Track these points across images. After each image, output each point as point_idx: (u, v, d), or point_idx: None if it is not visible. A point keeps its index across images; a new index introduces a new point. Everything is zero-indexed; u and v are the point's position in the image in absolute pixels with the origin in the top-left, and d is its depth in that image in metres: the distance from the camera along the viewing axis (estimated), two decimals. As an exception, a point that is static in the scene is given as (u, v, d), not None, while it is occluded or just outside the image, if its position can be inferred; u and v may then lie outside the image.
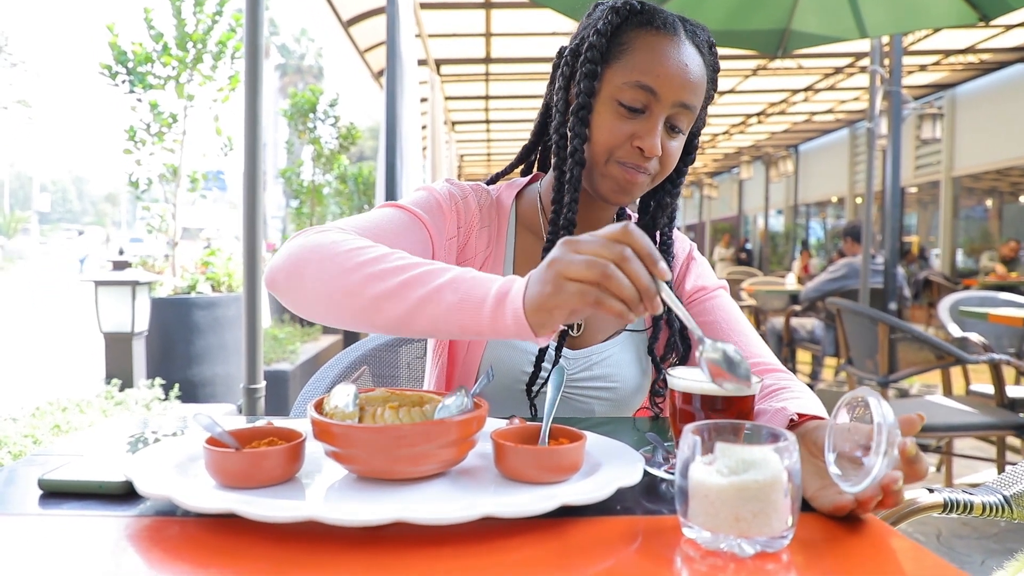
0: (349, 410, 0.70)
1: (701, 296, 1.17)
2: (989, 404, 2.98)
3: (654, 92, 0.97)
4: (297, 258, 0.86)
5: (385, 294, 0.78)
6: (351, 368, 1.50)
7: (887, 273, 4.80)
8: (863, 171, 12.16)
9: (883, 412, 0.63)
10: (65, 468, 0.74)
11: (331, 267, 0.83)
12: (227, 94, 4.63)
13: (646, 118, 0.99)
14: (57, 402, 3.06)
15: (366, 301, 0.79)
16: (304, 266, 0.85)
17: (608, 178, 1.03)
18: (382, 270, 0.80)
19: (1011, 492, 1.12)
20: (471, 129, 12.17)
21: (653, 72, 0.96)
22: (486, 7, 6.40)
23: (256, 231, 2.37)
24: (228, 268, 4.45)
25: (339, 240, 0.86)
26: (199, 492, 0.64)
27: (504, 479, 0.72)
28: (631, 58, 0.98)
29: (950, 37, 8.00)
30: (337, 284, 0.82)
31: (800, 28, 3.33)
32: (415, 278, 0.78)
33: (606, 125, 0.99)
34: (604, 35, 0.99)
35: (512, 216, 1.16)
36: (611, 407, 1.13)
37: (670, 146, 1.01)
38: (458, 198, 1.10)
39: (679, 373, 0.77)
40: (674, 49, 0.97)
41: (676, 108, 0.98)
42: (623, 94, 0.98)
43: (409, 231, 1.00)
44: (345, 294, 0.81)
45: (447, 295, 0.75)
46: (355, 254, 0.83)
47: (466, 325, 0.75)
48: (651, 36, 0.98)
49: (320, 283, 0.83)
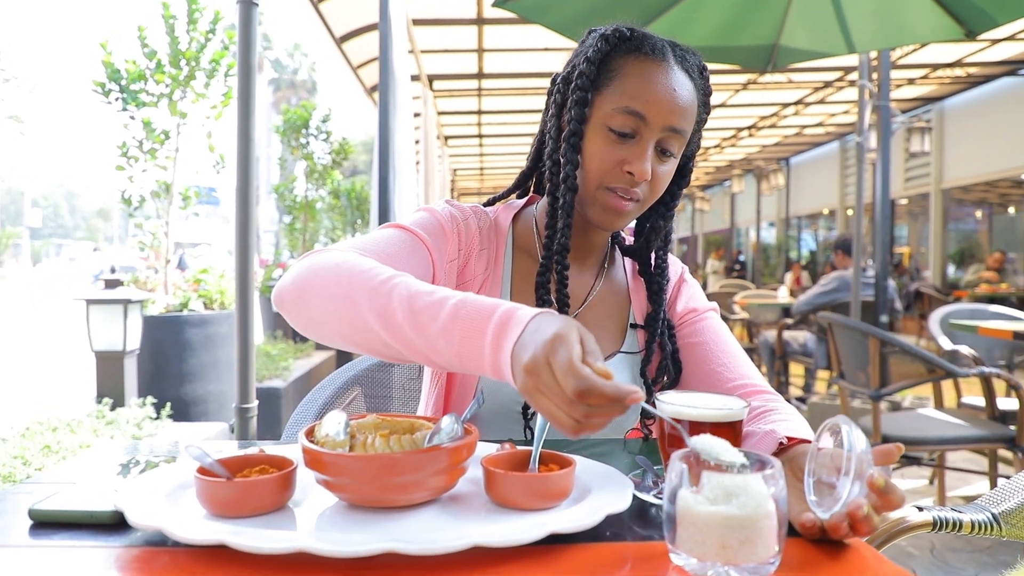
0: (340, 438, 0.70)
1: (692, 318, 1.18)
2: (980, 417, 3.00)
3: (643, 117, 0.98)
4: (303, 281, 0.86)
5: (389, 329, 0.79)
6: (343, 389, 1.50)
7: (878, 286, 4.83)
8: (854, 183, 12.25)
9: (852, 440, 0.64)
10: (56, 497, 0.74)
11: (338, 293, 0.83)
12: (220, 111, 4.64)
13: (636, 143, 1.00)
14: (47, 422, 3.04)
15: (372, 334, 0.80)
16: (310, 290, 0.85)
17: (597, 205, 1.04)
18: (384, 305, 0.79)
19: (1000, 510, 1.13)
20: (464, 144, 12.21)
21: (642, 98, 0.98)
22: (479, 23, 6.45)
23: (248, 249, 2.37)
24: (220, 285, 4.44)
25: (347, 262, 0.86)
26: (189, 523, 0.64)
27: (494, 505, 0.72)
28: (620, 84, 0.99)
29: (937, 51, 8.09)
30: (344, 312, 0.82)
31: (789, 44, 3.37)
32: (417, 314, 0.77)
33: (596, 151, 1.01)
34: (594, 63, 1.01)
35: (509, 238, 1.17)
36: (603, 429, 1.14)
37: (660, 171, 1.02)
38: (459, 220, 1.11)
39: (667, 398, 0.78)
40: (662, 75, 0.99)
41: (666, 132, 1.00)
42: (613, 120, 0.99)
43: (412, 253, 1.00)
44: (352, 326, 0.82)
45: (442, 344, 0.75)
46: (364, 278, 0.82)
47: (467, 369, 0.75)
48: (640, 62, 1.00)
49: (326, 309, 0.84)
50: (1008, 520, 1.11)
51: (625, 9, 3.10)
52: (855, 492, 0.63)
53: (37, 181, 60.78)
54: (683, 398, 0.78)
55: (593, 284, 1.19)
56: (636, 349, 1.17)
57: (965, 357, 3.23)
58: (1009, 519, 1.11)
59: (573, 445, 1.03)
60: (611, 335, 1.17)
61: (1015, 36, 7.53)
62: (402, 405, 1.57)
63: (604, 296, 1.19)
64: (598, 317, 1.17)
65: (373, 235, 1.01)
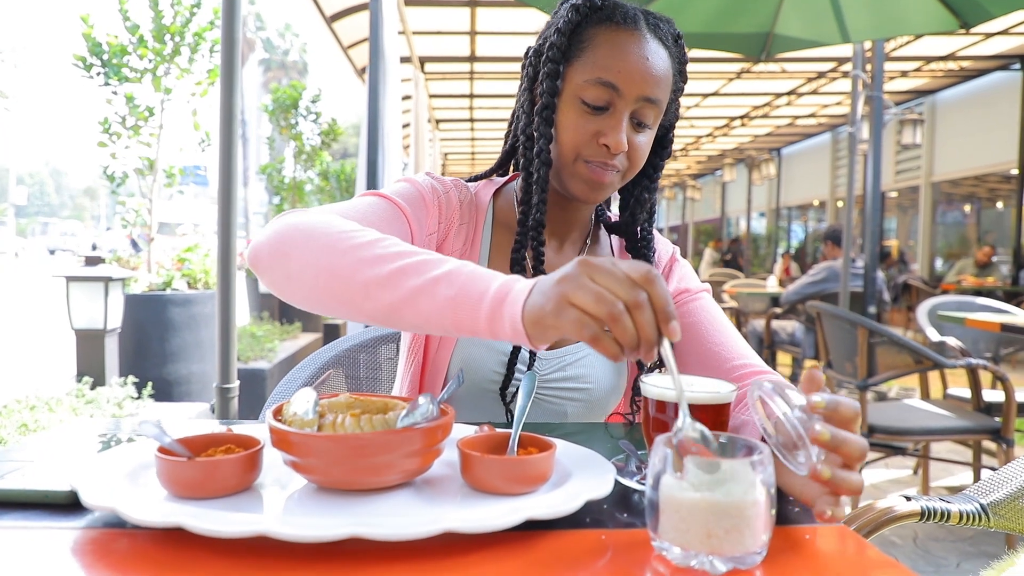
0: (308, 417, 0.67)
1: (685, 298, 1.15)
2: (966, 408, 3.00)
3: (616, 88, 0.96)
4: (283, 236, 0.81)
5: (376, 281, 0.73)
6: (324, 368, 1.47)
7: (867, 277, 4.83)
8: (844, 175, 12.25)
9: (779, 405, 0.62)
10: (11, 476, 0.71)
11: (320, 247, 0.78)
12: (205, 88, 4.56)
13: (610, 115, 0.97)
14: (26, 400, 2.99)
15: (356, 286, 0.74)
16: (291, 244, 0.80)
17: (576, 178, 1.02)
18: (375, 255, 0.75)
19: (988, 500, 1.11)
20: (455, 127, 12.12)
21: (614, 68, 0.95)
22: (471, 5, 6.37)
23: (231, 228, 2.33)
24: (205, 265, 4.39)
25: (329, 221, 0.82)
26: (147, 505, 0.60)
27: (470, 489, 0.70)
28: (592, 55, 0.97)
29: (931, 44, 8.07)
30: (325, 265, 0.77)
31: (784, 32, 3.33)
32: (410, 267, 0.73)
33: (571, 124, 0.99)
34: (564, 34, 0.98)
35: (490, 213, 1.14)
36: (584, 408, 1.11)
37: (637, 141, 1.00)
38: (440, 192, 1.08)
39: (652, 380, 0.75)
40: (635, 44, 0.96)
41: (640, 103, 0.97)
42: (586, 92, 0.97)
43: (392, 222, 0.97)
44: (333, 276, 0.76)
45: (443, 288, 0.70)
46: (347, 236, 0.78)
47: (461, 322, 0.69)
48: (611, 32, 0.97)
49: (307, 263, 0.78)
50: (996, 511, 1.09)
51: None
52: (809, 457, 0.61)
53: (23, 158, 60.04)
54: (668, 380, 0.75)
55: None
56: None
57: (952, 348, 3.23)
58: (998, 510, 1.09)
59: (554, 431, 1.01)
60: None
61: (1009, 30, 7.53)
62: (387, 386, 1.54)
63: None
64: None
65: (353, 202, 0.98)
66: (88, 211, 62.95)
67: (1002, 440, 2.67)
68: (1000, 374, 2.72)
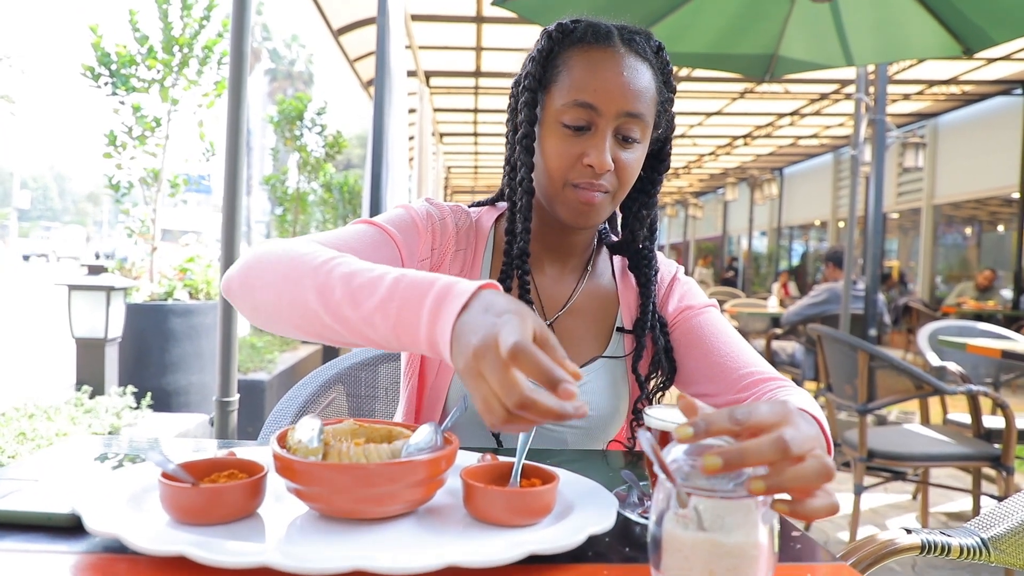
0: (313, 445, 0.67)
1: (688, 315, 1.14)
2: (966, 434, 2.99)
3: (594, 107, 0.95)
4: (250, 266, 0.85)
5: (324, 307, 0.76)
6: (325, 387, 1.47)
7: (868, 299, 4.83)
8: (846, 195, 12.29)
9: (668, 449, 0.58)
10: (13, 497, 0.71)
11: (279, 274, 0.81)
12: (212, 99, 4.58)
13: (592, 134, 0.97)
14: (24, 408, 2.99)
15: (309, 315, 0.77)
16: (256, 273, 0.84)
17: (566, 203, 1.01)
18: (323, 283, 0.76)
19: (989, 535, 1.11)
20: (459, 141, 12.17)
21: (590, 87, 0.95)
22: (478, 21, 6.41)
23: (235, 239, 2.34)
24: (207, 275, 4.39)
25: (294, 249, 0.84)
26: (150, 531, 0.60)
27: (473, 520, 0.69)
28: (567, 78, 0.97)
29: (934, 68, 8.12)
30: (283, 293, 0.80)
31: (788, 54, 3.36)
32: (356, 291, 0.74)
33: (554, 149, 0.99)
34: (539, 62, 0.99)
35: (491, 239, 1.14)
36: (583, 435, 1.11)
37: (624, 158, 0.99)
38: (435, 219, 1.08)
39: (655, 412, 0.75)
40: (609, 60, 0.96)
41: (621, 119, 0.96)
42: (565, 115, 0.97)
43: (378, 249, 0.98)
44: (289, 304, 0.79)
45: (379, 318, 0.71)
46: (305, 260, 0.80)
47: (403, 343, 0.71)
48: (584, 52, 0.97)
49: (268, 291, 0.81)
50: (997, 545, 1.09)
51: (623, 14, 3.06)
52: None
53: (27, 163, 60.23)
54: (672, 412, 0.75)
55: (575, 287, 1.15)
56: (621, 353, 1.14)
57: (952, 374, 3.23)
58: (998, 544, 1.09)
59: (554, 456, 1.01)
60: (594, 339, 1.13)
61: (1011, 56, 7.57)
62: (385, 405, 1.54)
63: (587, 299, 1.15)
64: (580, 321, 1.14)
65: (340, 229, 0.99)
66: (91, 216, 63.05)
67: (1002, 467, 2.67)
68: (1000, 401, 2.71)
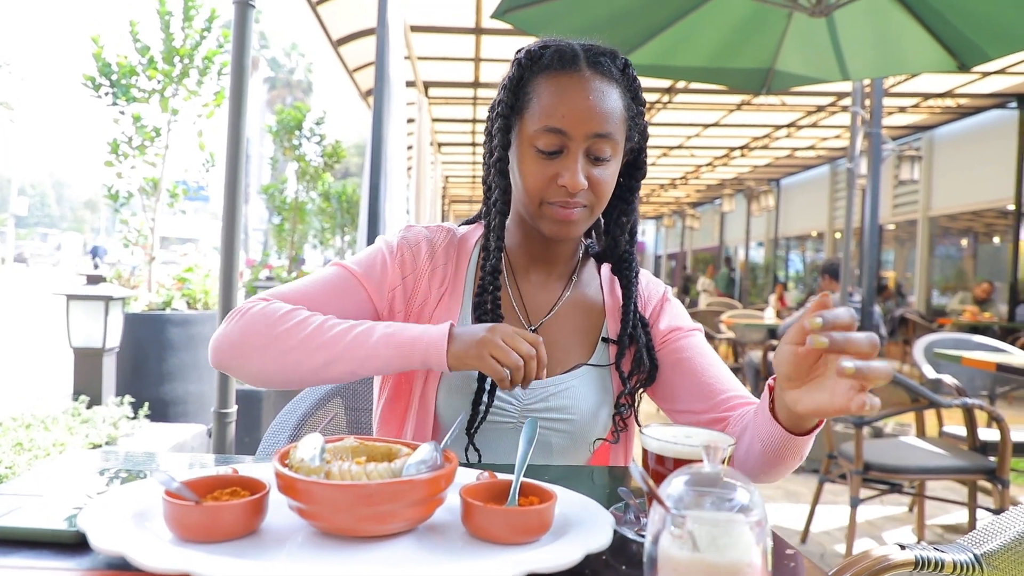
0: (315, 464, 0.68)
1: (676, 335, 1.19)
2: (961, 447, 3.01)
3: (564, 132, 1.01)
4: (237, 341, 0.99)
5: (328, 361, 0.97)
6: (323, 400, 1.48)
7: (864, 312, 4.85)
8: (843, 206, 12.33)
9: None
10: (17, 513, 0.71)
11: (270, 344, 0.97)
12: (212, 110, 4.60)
13: (564, 157, 1.03)
14: (21, 418, 2.99)
15: (306, 372, 0.98)
16: (247, 345, 0.99)
17: (546, 219, 1.07)
18: (318, 344, 0.97)
19: (982, 551, 1.12)
20: (457, 151, 12.20)
21: (558, 113, 1.01)
22: (476, 33, 6.45)
23: (234, 250, 2.35)
24: (205, 285, 4.40)
25: (271, 314, 1.00)
26: (154, 549, 0.61)
27: (472, 538, 0.70)
28: (537, 105, 1.03)
29: (929, 81, 8.17)
30: (272, 359, 0.97)
31: (784, 68, 3.38)
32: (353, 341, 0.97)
33: (529, 171, 1.04)
34: (510, 90, 1.06)
35: (475, 254, 1.20)
36: (568, 439, 1.13)
37: (597, 175, 1.04)
38: (405, 248, 1.15)
39: (652, 433, 0.76)
40: (576, 85, 1.02)
41: (591, 140, 1.02)
42: (538, 140, 1.03)
43: (347, 292, 1.10)
44: (288, 366, 0.97)
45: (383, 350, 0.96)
46: (293, 331, 0.98)
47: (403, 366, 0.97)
48: (551, 79, 1.03)
49: (265, 358, 0.98)
50: (990, 562, 1.10)
51: (622, 28, 3.10)
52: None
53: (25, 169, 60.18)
54: (669, 432, 0.76)
55: (560, 295, 1.20)
56: (606, 362, 1.17)
57: (948, 387, 3.24)
58: (992, 560, 1.10)
59: (551, 473, 1.02)
60: (579, 347, 1.17)
61: (1006, 70, 7.62)
62: (383, 419, 1.55)
63: (572, 308, 1.19)
64: (565, 328, 1.18)
65: (311, 277, 1.12)
66: (88, 223, 63.01)
67: (998, 480, 2.68)
68: (995, 414, 2.73)
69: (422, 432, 1.10)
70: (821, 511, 3.48)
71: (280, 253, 8.22)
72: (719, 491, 0.63)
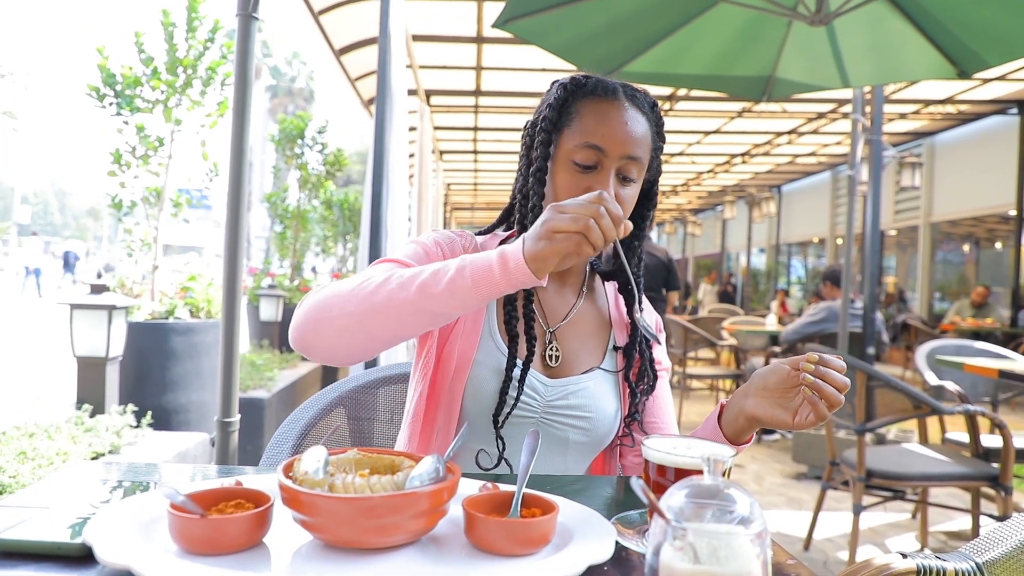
0: (318, 477, 0.69)
1: (658, 368, 1.29)
2: (964, 453, 3.00)
3: (602, 149, 1.10)
4: (315, 310, 0.98)
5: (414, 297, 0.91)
6: (326, 410, 1.49)
7: (866, 318, 4.85)
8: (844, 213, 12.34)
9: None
10: (23, 526, 0.72)
11: (351, 301, 0.95)
12: (215, 120, 4.62)
13: (598, 172, 1.11)
14: (24, 427, 2.99)
15: (397, 308, 0.92)
16: (325, 312, 0.97)
17: None
18: (398, 285, 0.93)
19: (983, 559, 1.12)
20: (459, 159, 12.24)
21: (599, 132, 1.10)
22: (478, 41, 6.48)
23: (238, 259, 2.35)
24: (208, 294, 4.41)
25: (342, 284, 0.99)
26: (160, 562, 0.62)
27: (474, 549, 0.71)
28: (580, 124, 1.12)
29: (930, 88, 8.19)
30: (365, 308, 0.94)
31: (784, 76, 3.39)
32: (430, 279, 0.91)
33: (564, 183, 1.12)
34: (555, 108, 1.15)
35: None
36: (586, 437, 1.18)
37: (623, 194, 1.13)
38: (444, 244, 1.20)
39: (654, 444, 0.77)
40: (616, 111, 1.12)
41: (623, 160, 1.11)
42: (576, 155, 1.11)
43: None
44: (375, 312, 0.93)
45: (461, 280, 0.90)
46: (365, 284, 0.96)
47: (485, 292, 0.90)
48: (595, 103, 1.13)
49: (346, 315, 0.95)
50: (992, 570, 1.10)
51: (623, 36, 3.12)
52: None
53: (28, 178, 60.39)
54: (671, 444, 0.77)
55: (574, 303, 1.27)
56: (615, 368, 1.25)
57: (950, 393, 3.24)
58: (993, 569, 1.10)
59: (554, 483, 1.02)
60: (592, 352, 1.24)
61: (1006, 76, 7.64)
62: (385, 428, 1.56)
63: (585, 316, 1.27)
64: (581, 333, 1.25)
65: (366, 271, 1.09)
66: (91, 232, 63.12)
67: (1001, 487, 2.67)
68: (998, 421, 2.73)
69: (446, 430, 1.15)
70: (824, 518, 3.48)
71: (282, 261, 8.23)
72: (720, 503, 0.63)
